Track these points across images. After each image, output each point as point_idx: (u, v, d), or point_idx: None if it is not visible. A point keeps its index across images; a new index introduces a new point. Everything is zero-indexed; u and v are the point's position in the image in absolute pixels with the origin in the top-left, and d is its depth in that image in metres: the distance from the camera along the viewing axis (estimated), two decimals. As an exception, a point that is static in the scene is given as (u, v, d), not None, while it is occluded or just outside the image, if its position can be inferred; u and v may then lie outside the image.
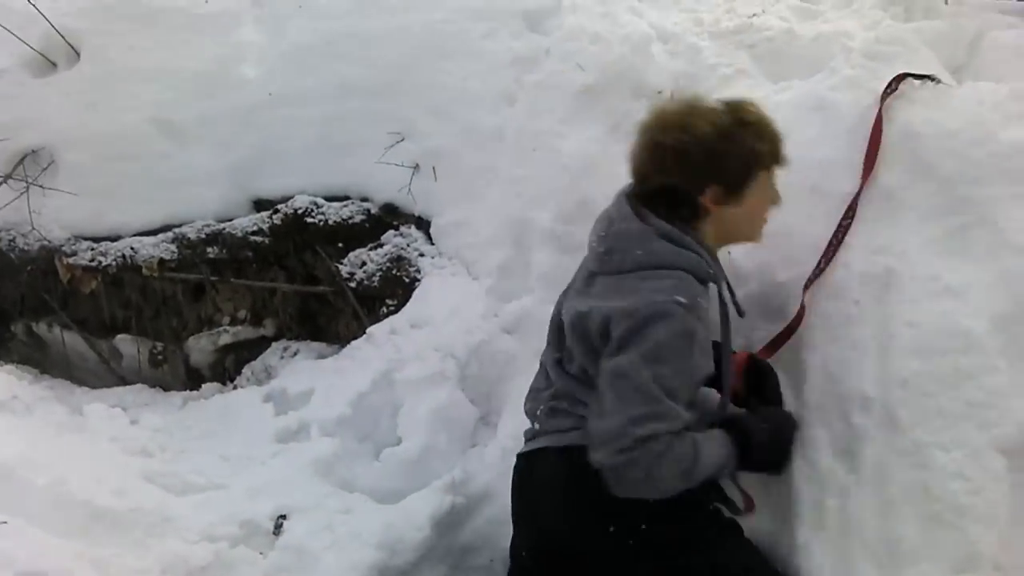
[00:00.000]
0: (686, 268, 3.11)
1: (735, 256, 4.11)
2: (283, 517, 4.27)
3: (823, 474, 3.52)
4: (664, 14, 5.83)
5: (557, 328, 3.48)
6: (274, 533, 4.22)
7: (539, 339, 3.80)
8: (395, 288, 5.39)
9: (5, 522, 3.70)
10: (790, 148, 4.20)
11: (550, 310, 4.34)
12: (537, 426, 3.43)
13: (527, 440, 3.48)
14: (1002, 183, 3.74)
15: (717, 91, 4.87)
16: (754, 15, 5.67)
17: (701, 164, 3.20)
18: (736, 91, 4.79)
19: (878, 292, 3.68)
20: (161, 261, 5.69)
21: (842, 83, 4.39)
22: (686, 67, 5.29)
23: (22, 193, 5.87)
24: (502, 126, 5.39)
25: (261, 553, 4.13)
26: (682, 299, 2.98)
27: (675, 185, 3.24)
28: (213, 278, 5.76)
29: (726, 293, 3.40)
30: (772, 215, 3.59)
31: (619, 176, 4.70)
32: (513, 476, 3.50)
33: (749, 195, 3.35)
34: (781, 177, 3.51)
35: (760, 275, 4.07)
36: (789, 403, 3.75)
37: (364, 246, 5.58)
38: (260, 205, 5.79)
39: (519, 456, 3.49)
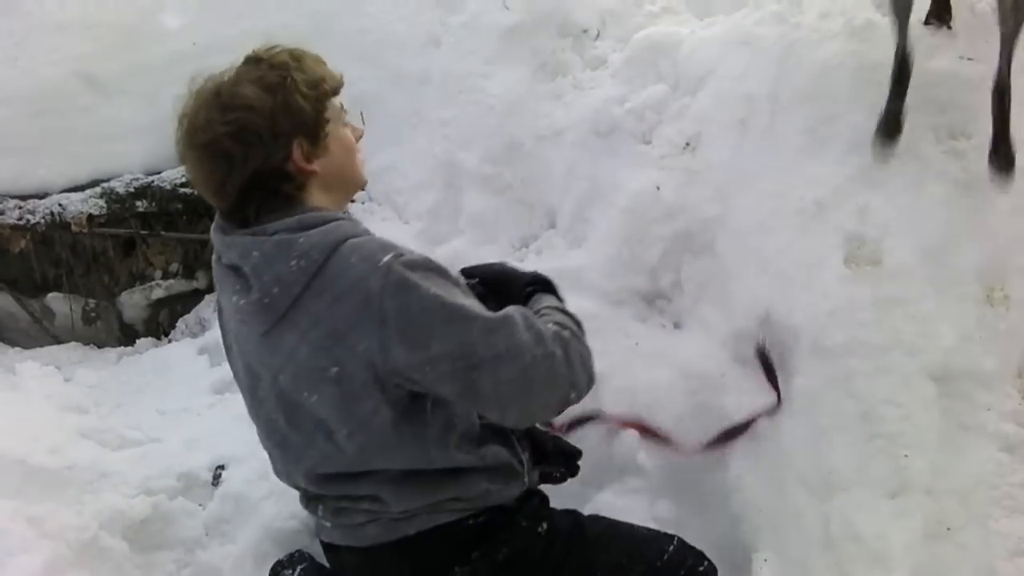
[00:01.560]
0: (350, 233, 2.43)
1: (663, 192, 4.14)
2: (221, 468, 4.27)
3: (755, 404, 3.57)
4: (588, -48, 5.82)
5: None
6: (213, 484, 4.22)
7: (471, 279, 3.83)
8: (326, 234, 5.32)
9: (-64, 483, 3.68)
10: (718, 83, 4.26)
11: (481, 252, 4.36)
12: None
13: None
14: (927, 113, 3.87)
15: (643, 28, 4.90)
16: (681, -49, 5.68)
17: (271, 125, 2.47)
18: (663, 28, 4.83)
19: (806, 223, 3.72)
20: (90, 217, 5.62)
21: (767, 17, 4.45)
22: (613, 5, 5.31)
23: (-56, 152, 5.76)
24: (428, 69, 5.37)
25: (200, 504, 4.12)
26: (389, 254, 2.33)
27: (258, 169, 2.46)
28: (143, 232, 5.72)
29: None
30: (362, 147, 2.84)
31: (545, 115, 4.74)
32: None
33: (332, 135, 2.63)
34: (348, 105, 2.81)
35: (687, 211, 4.09)
36: (720, 332, 3.80)
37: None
38: (188, 157, 5.69)
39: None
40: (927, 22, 4.15)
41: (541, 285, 2.96)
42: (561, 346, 2.50)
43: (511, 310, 2.47)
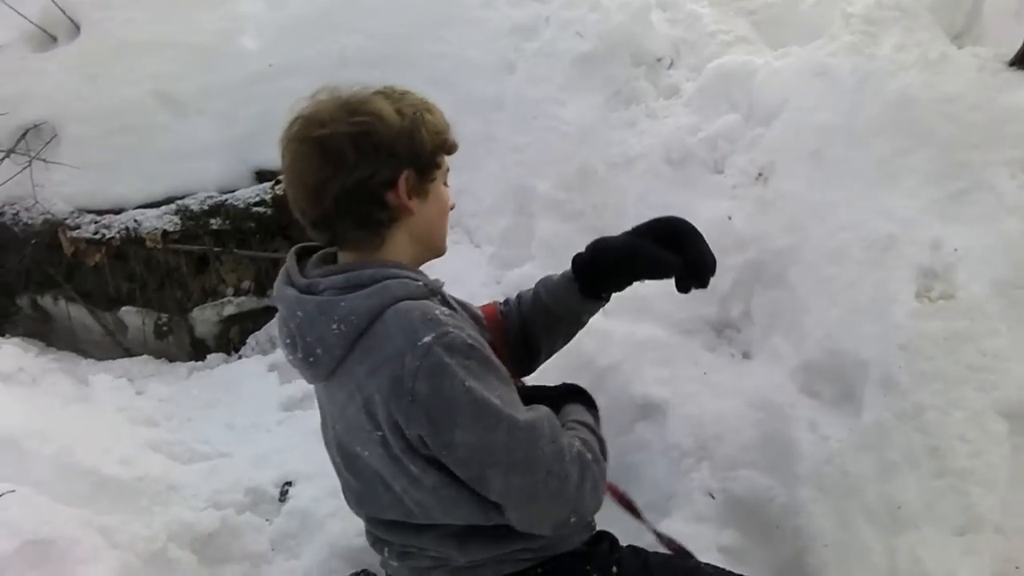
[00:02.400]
0: (397, 296, 2.36)
1: (735, 222, 4.13)
2: (288, 484, 4.32)
3: (824, 436, 3.54)
4: (663, -19, 5.83)
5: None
6: (280, 500, 4.27)
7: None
8: (398, 257, 5.35)
9: (12, 491, 3.72)
10: (791, 113, 4.25)
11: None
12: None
13: None
14: (1000, 148, 3.76)
15: (717, 58, 4.89)
16: (754, -19, 5.68)
17: (392, 143, 2.41)
18: (737, 58, 4.82)
19: (878, 256, 3.69)
20: (164, 233, 5.70)
21: (842, 48, 4.40)
22: (685, 34, 5.30)
23: (25, 167, 5.88)
24: (501, 94, 5.39)
25: (267, 519, 4.17)
26: (431, 333, 2.26)
27: (362, 181, 2.39)
28: (216, 249, 5.77)
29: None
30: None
31: (618, 143, 4.74)
32: None
33: (436, 185, 2.57)
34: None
35: (759, 241, 4.08)
36: (789, 363, 3.78)
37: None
38: (262, 176, 5.81)
39: None
40: (1011, 63, 4.12)
41: (574, 396, 2.87)
42: (578, 469, 2.44)
43: (542, 416, 2.42)
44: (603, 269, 2.95)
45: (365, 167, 2.37)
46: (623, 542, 2.88)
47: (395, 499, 2.48)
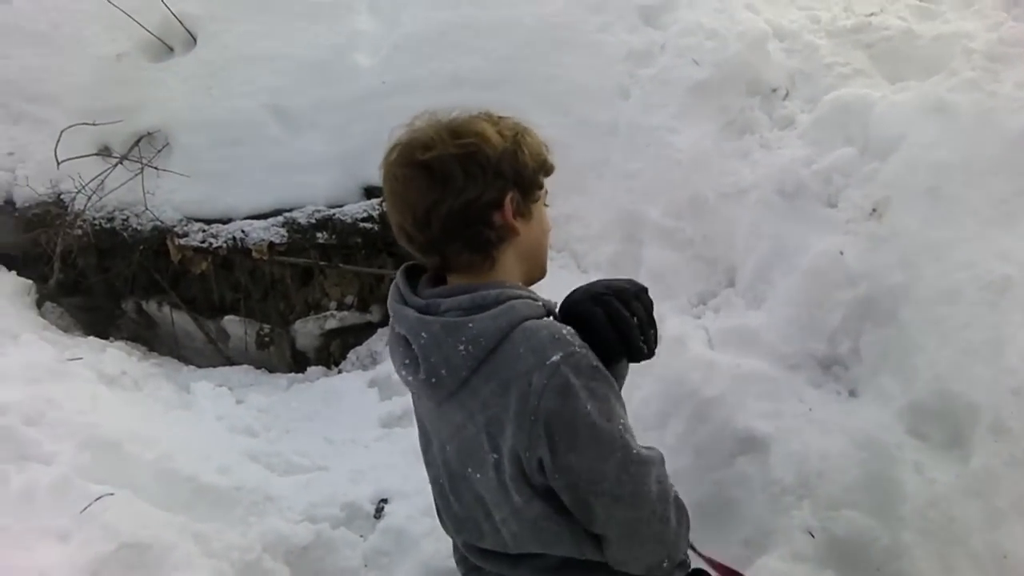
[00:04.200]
0: (524, 315, 2.35)
1: (847, 257, 4.07)
2: (384, 501, 4.32)
3: (930, 479, 3.47)
4: (781, 11, 5.78)
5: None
6: (375, 516, 4.27)
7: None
8: (504, 279, 5.35)
9: (112, 493, 3.76)
10: (908, 149, 4.18)
11: (660, 307, 4.29)
12: None
13: None
14: None
15: (834, 90, 4.84)
16: (872, 14, 5.61)
17: (497, 163, 2.39)
18: (853, 91, 4.76)
19: (993, 298, 3.63)
20: (271, 244, 5.74)
21: (962, 85, 4.33)
22: (802, 65, 5.25)
23: (137, 174, 5.96)
24: (615, 120, 5.36)
25: (361, 536, 4.17)
26: (559, 353, 2.25)
27: (470, 202, 2.37)
28: (322, 263, 5.80)
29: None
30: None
31: (731, 172, 4.69)
32: None
33: (539, 206, 2.56)
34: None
35: (870, 278, 4.01)
36: (897, 403, 3.71)
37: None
38: (370, 192, 5.81)
39: None
40: None
41: None
42: (677, 513, 2.46)
43: (655, 455, 2.41)
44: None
45: (473, 188, 2.35)
46: None
47: (493, 527, 2.48)
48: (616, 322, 2.48)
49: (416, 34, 6.08)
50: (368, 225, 5.70)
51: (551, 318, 2.40)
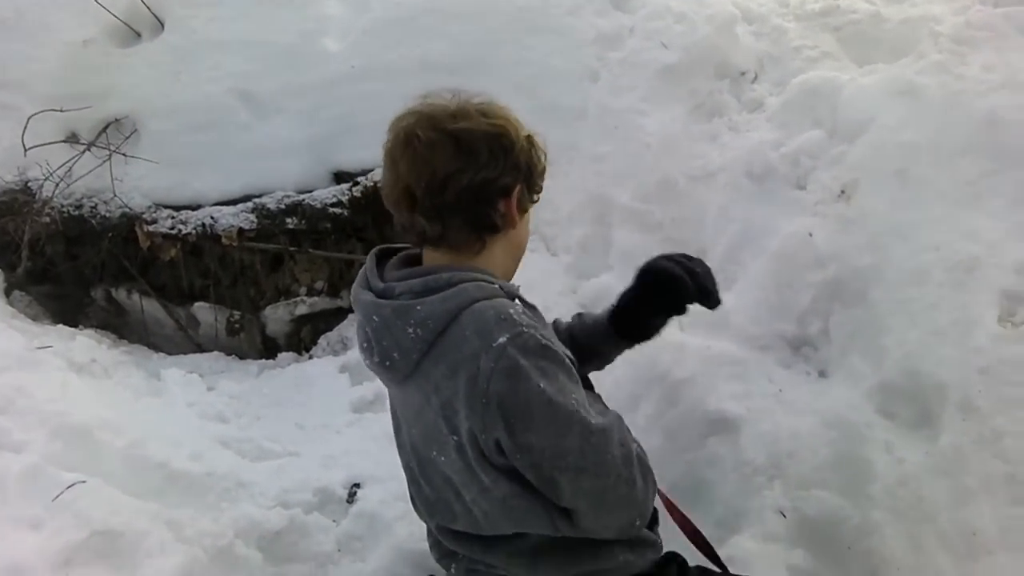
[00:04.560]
0: (474, 296, 2.35)
1: (816, 239, 4.09)
2: (357, 486, 4.32)
3: (899, 458, 3.50)
4: (750, -6, 5.80)
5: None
6: (348, 501, 4.27)
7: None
8: (474, 262, 5.35)
9: (84, 481, 3.75)
10: (877, 131, 4.20)
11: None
12: None
13: None
14: None
15: (802, 73, 4.86)
16: (841, -3, 5.64)
17: (517, 152, 2.43)
18: (822, 74, 4.78)
19: (961, 278, 3.66)
20: (240, 231, 5.72)
21: (930, 67, 4.36)
22: (770, 48, 5.27)
23: (105, 161, 5.92)
24: (584, 103, 5.36)
25: (334, 520, 4.16)
26: (505, 334, 2.26)
27: (487, 180, 2.39)
28: (292, 249, 5.79)
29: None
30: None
31: (700, 155, 4.70)
32: None
33: (531, 208, 2.59)
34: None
35: (839, 259, 4.03)
36: (866, 383, 3.73)
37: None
38: (340, 177, 5.81)
39: None
40: None
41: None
42: (643, 474, 2.49)
43: (612, 420, 2.45)
44: (644, 310, 3.00)
45: (493, 168, 2.38)
46: (692, 562, 2.90)
47: (465, 508, 2.49)
48: (692, 275, 2.91)
49: (385, 18, 6.06)
50: (337, 210, 5.69)
51: (513, 300, 2.42)
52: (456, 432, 2.33)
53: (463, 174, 2.35)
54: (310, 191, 5.80)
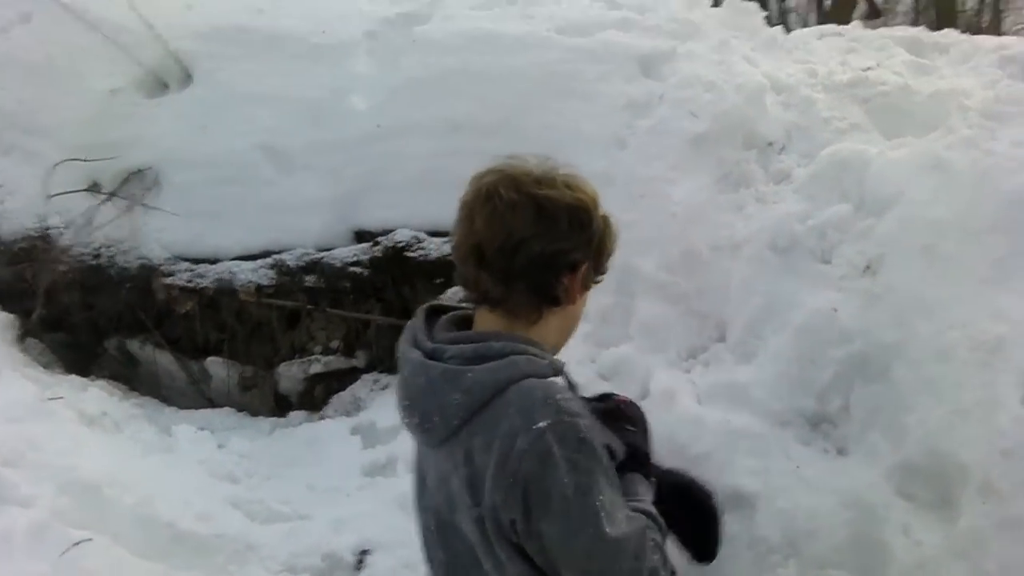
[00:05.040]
0: (524, 372, 2.30)
1: (840, 314, 4.05)
2: (366, 552, 4.27)
3: (917, 541, 3.46)
4: (778, 64, 5.80)
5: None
6: (356, 568, 4.22)
7: (637, 386, 3.73)
8: (492, 329, 5.32)
9: (90, 539, 3.71)
10: (904, 206, 4.16)
11: (649, 360, 4.28)
12: None
13: None
14: None
15: (831, 145, 4.83)
16: (869, 68, 5.62)
17: (590, 229, 2.38)
18: (850, 146, 4.75)
19: (986, 358, 3.61)
20: (258, 287, 5.71)
21: (959, 142, 4.34)
22: (799, 119, 5.24)
23: (126, 211, 5.93)
24: (612, 170, 5.29)
25: (342, 587, 4.10)
26: (547, 419, 2.19)
27: (557, 252, 2.33)
28: (309, 307, 5.76)
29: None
30: None
31: (726, 226, 4.65)
32: None
33: (590, 289, 2.51)
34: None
35: (863, 335, 3.98)
36: (885, 462, 3.69)
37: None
38: (361, 236, 5.80)
39: None
40: None
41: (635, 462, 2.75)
42: None
43: (633, 531, 2.33)
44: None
45: (567, 241, 2.32)
46: None
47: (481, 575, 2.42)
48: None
49: (413, 78, 6.06)
50: (357, 269, 5.68)
51: (557, 378, 2.36)
52: (479, 504, 2.27)
53: (538, 241, 2.30)
54: (330, 249, 5.78)
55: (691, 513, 2.77)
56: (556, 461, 2.16)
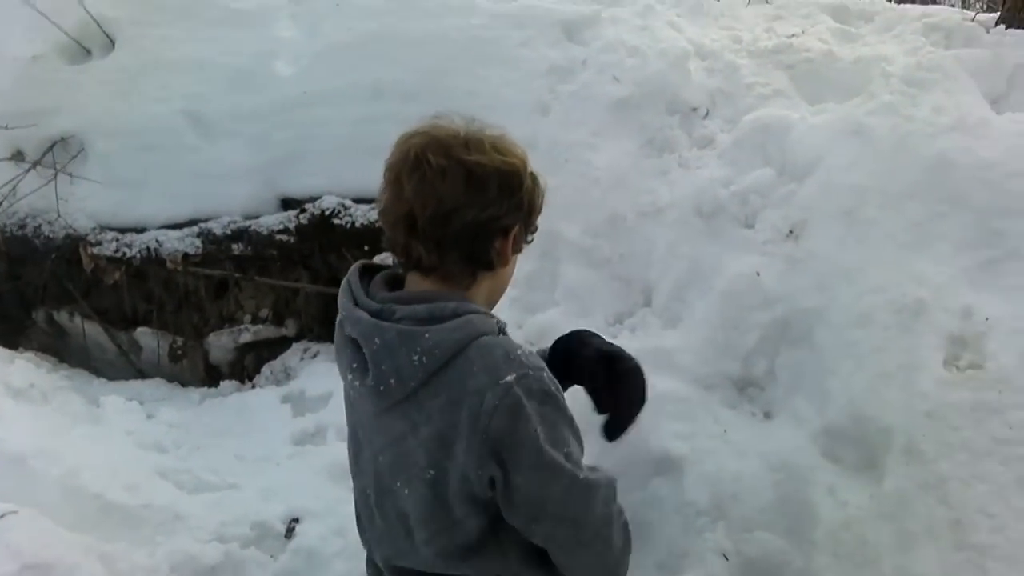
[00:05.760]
0: (480, 330, 2.32)
1: (764, 279, 4.08)
2: (295, 520, 4.26)
3: (843, 502, 3.51)
4: (703, 31, 5.81)
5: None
6: (286, 536, 4.21)
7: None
8: (420, 294, 5.32)
9: (15, 511, 3.69)
10: (826, 171, 4.20)
11: (576, 324, 4.29)
12: None
13: None
14: None
15: (753, 110, 4.84)
16: (793, 35, 5.65)
17: (521, 192, 2.40)
18: (773, 112, 4.77)
19: (907, 321, 3.66)
20: (185, 255, 5.68)
21: (880, 108, 4.36)
22: (723, 84, 5.25)
23: (50, 180, 5.87)
24: (534, 135, 5.26)
25: (272, 556, 4.11)
26: (513, 373, 2.24)
27: (490, 218, 2.36)
28: (237, 275, 5.75)
29: None
30: None
31: (649, 191, 4.66)
32: None
33: (521, 251, 2.56)
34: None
35: (786, 300, 4.02)
36: (811, 425, 3.75)
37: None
38: (288, 204, 5.78)
39: None
40: None
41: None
42: (623, 538, 2.51)
43: (602, 478, 2.42)
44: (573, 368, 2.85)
45: (499, 207, 2.34)
46: None
47: (411, 547, 2.46)
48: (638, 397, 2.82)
49: (338, 43, 6.03)
50: (284, 237, 5.67)
51: (503, 336, 2.39)
52: (437, 467, 2.31)
53: (469, 209, 2.31)
54: (257, 217, 5.76)
55: (615, 382, 2.79)
56: (527, 414, 2.23)
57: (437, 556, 2.42)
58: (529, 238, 2.52)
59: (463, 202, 2.30)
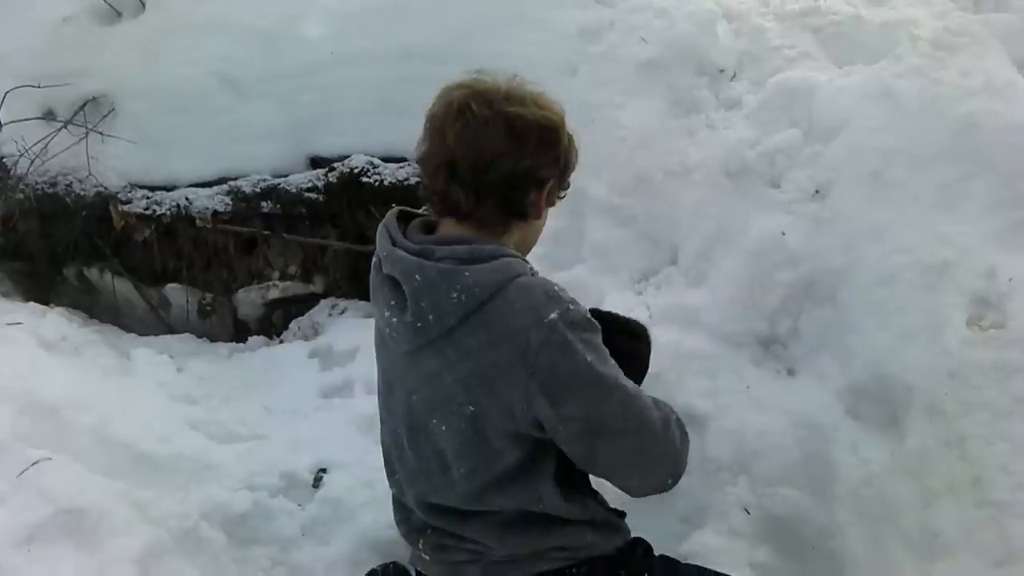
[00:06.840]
0: (518, 271, 2.42)
1: (789, 238, 4.09)
2: (323, 471, 4.30)
3: (865, 459, 3.53)
4: (730, -7, 5.78)
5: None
6: (313, 486, 4.25)
7: (589, 308, 3.79)
8: (447, 251, 5.35)
9: (49, 458, 3.74)
10: (852, 133, 4.20)
11: (602, 281, 4.31)
12: None
13: None
14: None
15: (781, 72, 4.84)
16: (821, -1, 5.63)
17: (559, 147, 2.54)
18: (799, 74, 4.77)
19: (932, 281, 3.66)
20: (215, 213, 5.73)
21: (907, 71, 4.33)
22: (750, 47, 5.23)
23: (81, 139, 5.90)
24: (562, 97, 5.23)
25: (299, 505, 4.15)
26: (556, 311, 2.34)
27: (528, 170, 2.46)
28: (265, 232, 5.79)
29: None
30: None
31: (677, 151, 4.67)
32: None
33: (553, 205, 2.70)
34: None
35: (812, 259, 4.03)
36: (835, 383, 3.78)
37: (419, 208, 5.50)
38: (316, 163, 5.80)
39: None
40: None
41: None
42: (680, 433, 2.60)
43: (641, 390, 2.52)
44: None
45: (536, 159, 2.46)
46: (656, 551, 2.90)
47: (448, 482, 2.53)
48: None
49: (367, 6, 5.99)
50: (312, 195, 5.69)
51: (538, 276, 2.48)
52: (476, 403, 2.39)
53: (508, 159, 2.41)
54: (285, 176, 5.79)
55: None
56: (573, 347, 2.33)
57: (475, 491, 2.48)
58: (562, 194, 2.65)
59: (503, 151, 2.40)
